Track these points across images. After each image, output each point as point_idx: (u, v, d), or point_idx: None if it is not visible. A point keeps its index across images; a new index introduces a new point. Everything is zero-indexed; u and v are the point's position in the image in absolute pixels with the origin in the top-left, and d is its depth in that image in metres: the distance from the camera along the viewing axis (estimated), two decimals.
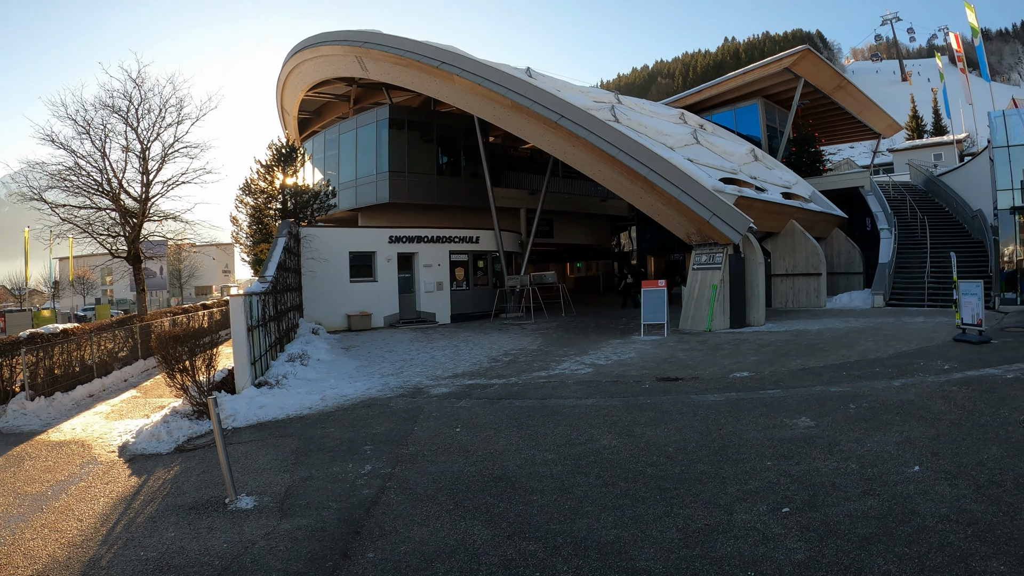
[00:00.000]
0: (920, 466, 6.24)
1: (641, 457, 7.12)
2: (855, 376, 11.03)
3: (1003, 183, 23.67)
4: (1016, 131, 24.00)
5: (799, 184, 28.78)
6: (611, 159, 20.53)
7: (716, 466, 6.65)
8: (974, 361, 11.67)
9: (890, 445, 6.94)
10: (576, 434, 8.30)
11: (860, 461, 6.47)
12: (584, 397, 10.71)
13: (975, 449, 6.64)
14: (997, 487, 5.59)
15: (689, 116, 31.75)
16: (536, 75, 27.82)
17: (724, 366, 13.02)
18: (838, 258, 28.18)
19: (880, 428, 7.62)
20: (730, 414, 8.78)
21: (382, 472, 7.30)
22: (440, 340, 20.48)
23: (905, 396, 9.18)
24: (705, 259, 20.27)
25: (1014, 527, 4.84)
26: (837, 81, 37.51)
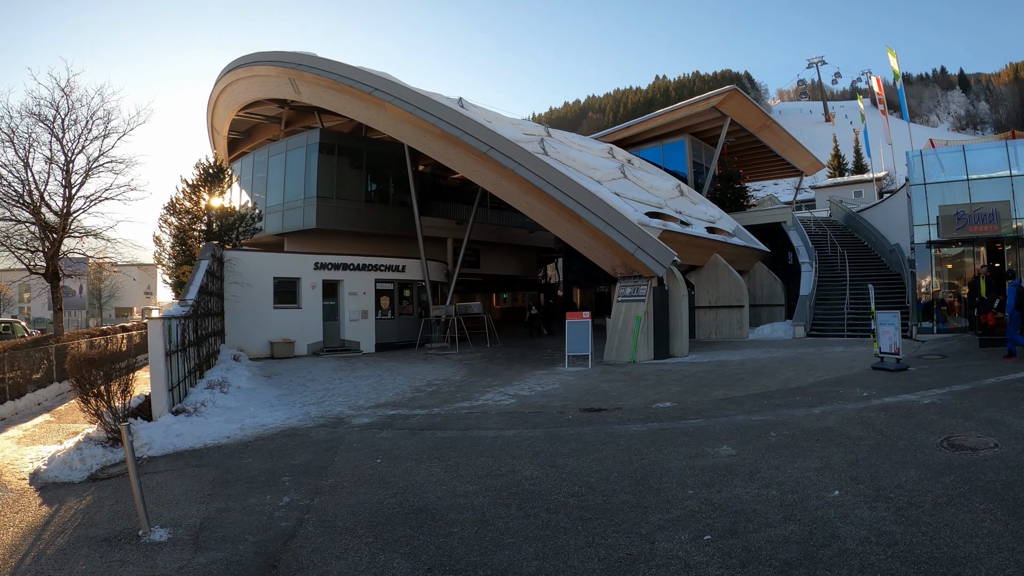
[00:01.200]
0: (840, 490, 6.32)
1: (563, 488, 7.04)
2: (776, 405, 11.21)
3: (920, 218, 24.87)
4: (933, 170, 25.28)
5: (723, 219, 29.63)
6: (538, 191, 20.71)
7: (638, 495, 6.61)
8: (892, 388, 12.04)
9: (810, 471, 7.02)
10: (498, 465, 8.19)
11: (781, 487, 6.52)
12: (507, 428, 10.63)
13: (894, 472, 6.78)
14: (916, 508, 5.71)
15: (618, 151, 32.47)
16: (468, 105, 27.99)
17: (647, 396, 13.12)
18: (760, 290, 29.03)
19: (800, 455, 7.71)
20: (652, 444, 8.78)
21: (300, 504, 7.09)
22: (364, 369, 20.30)
23: (825, 423, 9.34)
24: (630, 291, 20.52)
25: (933, 546, 4.93)
26: (762, 120, 39.05)
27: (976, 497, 5.87)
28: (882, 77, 62.35)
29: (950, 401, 10.43)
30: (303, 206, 29.73)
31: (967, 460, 7.07)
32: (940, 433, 8.29)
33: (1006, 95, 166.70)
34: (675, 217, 24.37)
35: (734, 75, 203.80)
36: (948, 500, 5.85)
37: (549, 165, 21.03)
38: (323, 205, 29.43)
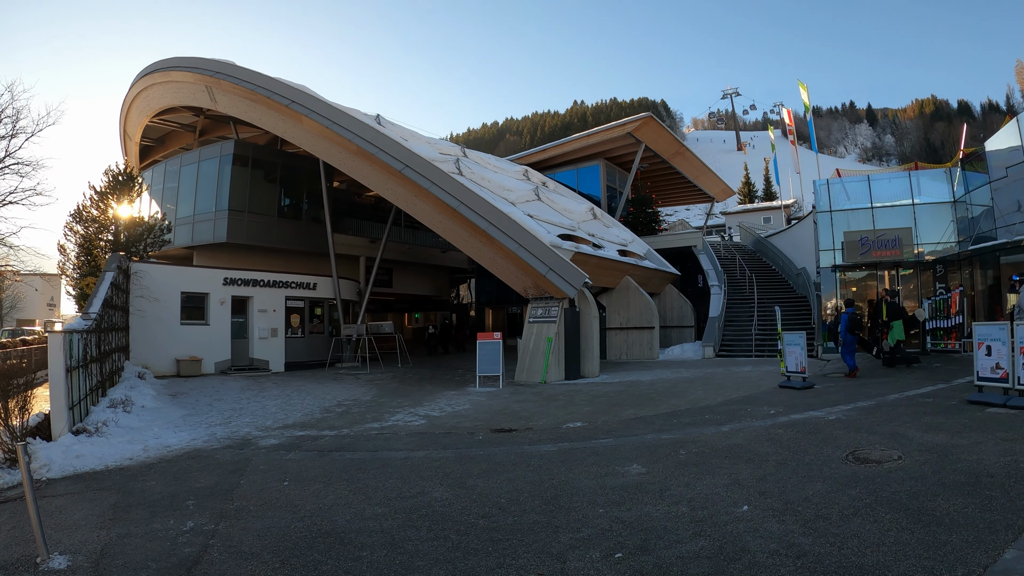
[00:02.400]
0: (749, 505, 6.39)
1: (473, 509, 6.92)
2: (685, 423, 11.37)
3: (825, 244, 25.93)
4: (838, 198, 26.45)
5: (635, 242, 30.21)
6: (452, 211, 20.71)
7: (549, 515, 6.54)
8: (798, 405, 12.46)
9: (719, 487, 7.09)
10: (408, 487, 8.01)
11: (691, 504, 6.56)
12: (416, 449, 10.48)
13: (801, 486, 6.92)
14: (823, 520, 5.82)
15: (533, 173, 32.83)
16: (386, 123, 27.77)
17: (558, 417, 13.16)
18: (671, 312, 29.67)
19: (710, 472, 7.79)
20: (563, 463, 8.75)
21: (205, 529, 6.76)
22: (272, 389, 19.80)
23: (733, 440, 9.52)
24: (541, 312, 20.62)
25: (841, 556, 5.02)
26: (676, 147, 40.19)
27: (882, 508, 6.05)
28: (793, 109, 65.04)
29: (855, 417, 10.85)
30: (214, 219, 28.72)
31: (872, 472, 7.31)
32: (846, 447, 8.56)
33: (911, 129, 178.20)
34: (588, 240, 24.70)
35: (651, 103, 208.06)
36: (855, 511, 6.00)
37: (463, 185, 21.07)
38: (235, 219, 28.52)
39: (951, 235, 25.24)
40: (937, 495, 6.33)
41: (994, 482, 6.66)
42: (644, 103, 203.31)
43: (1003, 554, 4.88)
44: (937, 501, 6.14)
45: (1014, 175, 21.23)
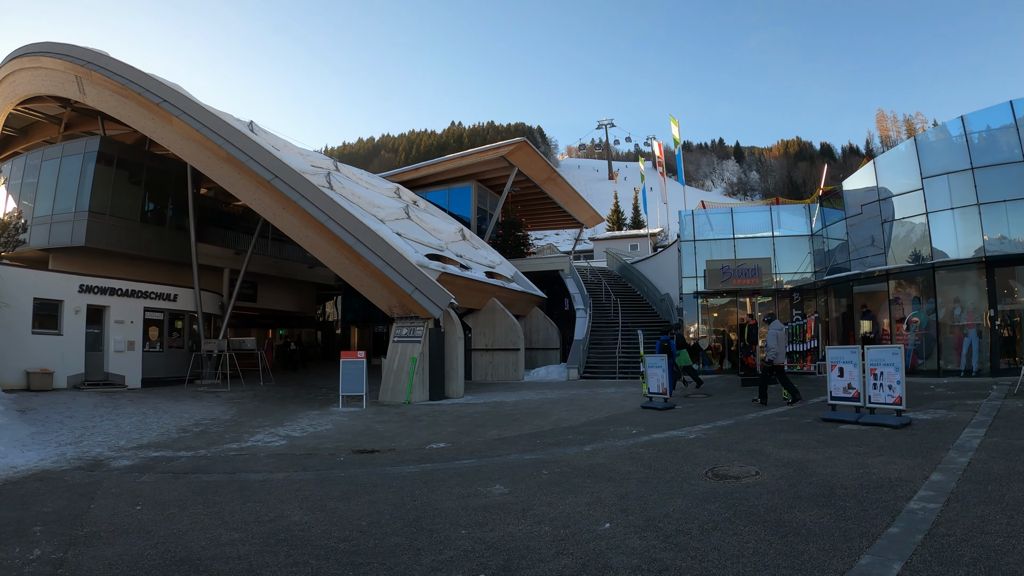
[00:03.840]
0: (611, 523, 6.38)
1: (334, 532, 6.61)
2: (549, 444, 11.42)
3: (688, 271, 26.96)
4: (703, 228, 27.63)
5: (503, 264, 30.45)
6: (320, 226, 20.25)
7: (411, 538, 6.33)
8: (660, 425, 12.80)
9: (582, 506, 7.07)
10: (266, 510, 7.58)
11: (553, 523, 6.48)
12: (276, 471, 10.03)
13: (662, 503, 6.98)
14: (684, 535, 5.87)
15: (404, 191, 32.58)
16: (259, 130, 26.81)
17: (421, 437, 13.02)
18: (537, 334, 30.01)
19: (572, 491, 7.77)
20: (425, 485, 8.56)
21: (53, 557, 6.12)
22: (128, 406, 18.59)
23: (596, 460, 9.58)
24: (406, 332, 20.38)
25: (702, 569, 5.05)
26: (548, 173, 40.95)
27: (741, 521, 6.16)
28: (664, 143, 67.79)
29: (714, 435, 11.22)
30: (73, 220, 26.57)
31: (731, 488, 7.49)
32: (705, 464, 8.77)
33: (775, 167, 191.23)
34: (455, 260, 24.66)
35: (527, 128, 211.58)
36: (715, 525, 6.08)
37: (332, 200, 20.62)
38: (95, 221, 26.55)
39: (808, 266, 26.77)
40: (794, 507, 6.53)
41: (848, 493, 6.96)
42: (521, 128, 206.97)
43: (858, 560, 5.06)
44: (794, 513, 6.33)
45: (868, 212, 22.84)
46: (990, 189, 19.89)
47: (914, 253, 21.34)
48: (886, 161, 24.25)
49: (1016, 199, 19.48)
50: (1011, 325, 19.84)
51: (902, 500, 6.61)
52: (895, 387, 11.25)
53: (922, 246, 20.99)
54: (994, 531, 5.55)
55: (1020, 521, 5.75)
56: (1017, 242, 19.52)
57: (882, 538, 5.53)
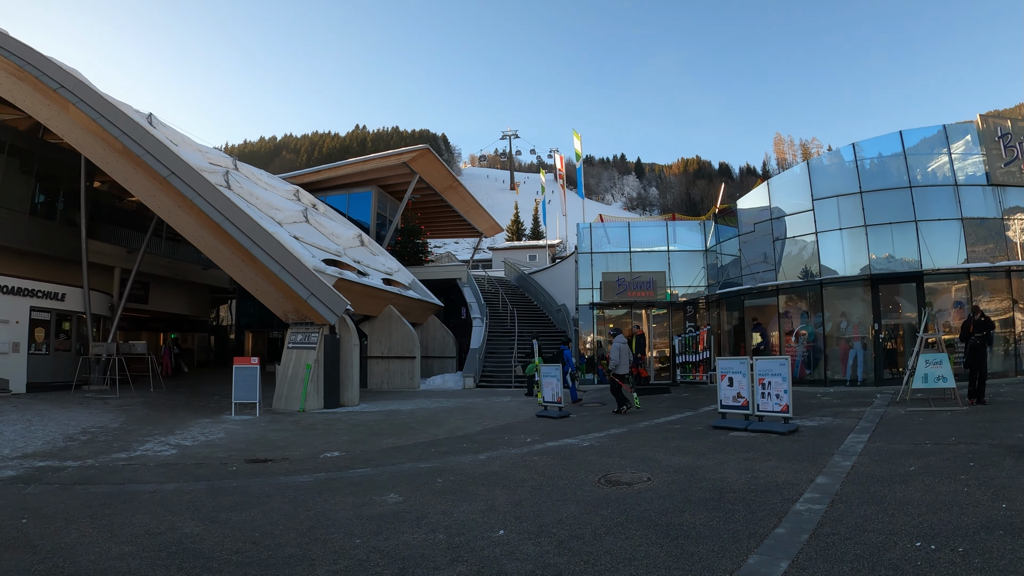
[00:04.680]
0: (505, 530, 6.37)
1: (226, 544, 6.36)
2: (444, 452, 11.37)
3: (585, 283, 27.41)
4: (600, 241, 28.15)
5: (401, 272, 30.20)
6: (215, 226, 19.53)
7: (305, 548, 6.17)
8: (554, 433, 12.95)
9: (476, 513, 7.05)
10: (157, 523, 7.22)
11: (448, 531, 6.45)
12: (167, 481, 9.59)
13: (555, 509, 7.03)
14: (577, 540, 5.91)
15: (304, 194, 31.84)
16: (158, 124, 25.44)
17: (316, 446, 12.76)
18: (433, 343, 29.93)
19: (466, 499, 7.74)
20: (320, 494, 8.38)
21: None
22: (11, 413, 17.39)
23: (490, 468, 9.60)
24: (301, 338, 19.94)
25: (594, 572, 5.09)
26: (449, 182, 40.91)
27: (632, 525, 6.26)
28: (566, 156, 68.89)
29: (608, 443, 11.43)
30: None
31: (623, 493, 7.62)
32: (598, 471, 8.90)
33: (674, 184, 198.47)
34: (353, 266, 24.30)
35: (432, 136, 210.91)
36: (607, 530, 6.15)
37: (229, 200, 19.89)
38: None
39: (702, 279, 27.65)
40: (684, 511, 6.68)
41: (736, 497, 7.19)
42: (426, 135, 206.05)
43: (747, 560, 5.21)
44: (684, 516, 6.48)
45: (761, 230, 23.83)
46: (878, 212, 21.20)
47: (804, 270, 22.39)
48: (780, 182, 25.44)
49: (902, 222, 20.80)
50: (895, 338, 21.09)
51: (789, 502, 6.87)
52: (782, 396, 11.72)
53: (812, 263, 22.07)
54: (876, 529, 5.83)
55: (901, 520, 6.05)
56: (903, 261, 20.80)
57: (769, 538, 5.72)
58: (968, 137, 21.88)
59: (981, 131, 21.71)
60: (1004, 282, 21.03)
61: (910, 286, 20.98)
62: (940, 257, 20.62)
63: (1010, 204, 21.47)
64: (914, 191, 21.12)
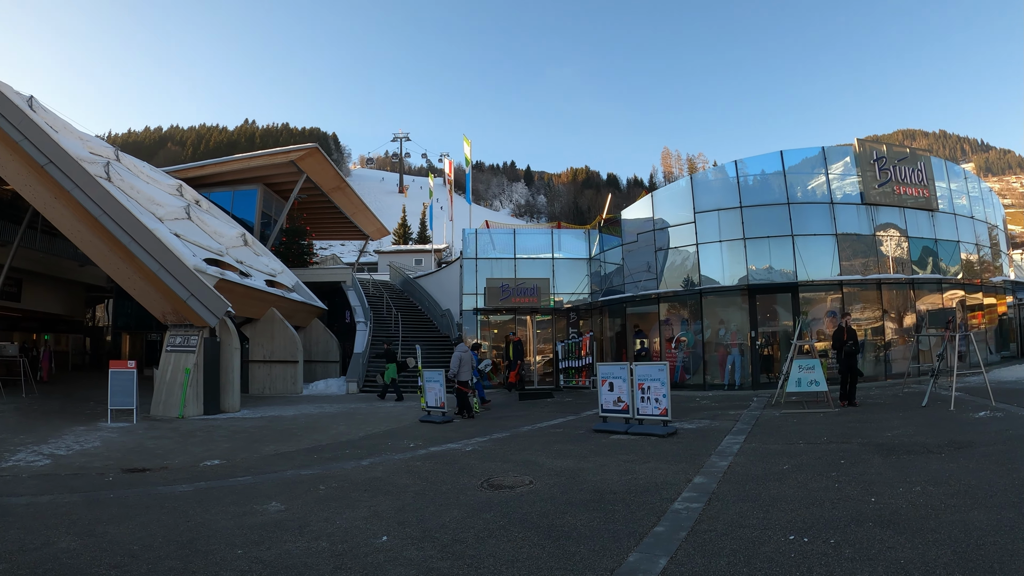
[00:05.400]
0: (388, 536, 6.35)
1: (104, 559, 6.06)
2: (327, 458, 11.23)
3: (470, 288, 27.60)
4: (485, 247, 28.39)
5: (285, 273, 29.50)
6: (93, 220, 18.54)
7: (185, 560, 5.95)
8: (438, 438, 13.03)
9: (359, 520, 6.99)
10: (31, 537, 6.80)
11: (331, 539, 6.38)
12: (41, 493, 9.02)
13: (438, 514, 7.06)
14: (460, 544, 5.96)
15: (187, 189, 30.56)
16: (39, 108, 23.81)
17: (196, 454, 12.34)
18: (317, 347, 29.36)
19: (349, 505, 7.67)
20: (200, 504, 8.11)
21: None
22: None
23: (373, 474, 9.55)
24: (180, 341, 19.18)
25: (478, 575, 5.16)
26: (337, 182, 40.04)
27: (515, 528, 6.36)
28: (456, 161, 68.84)
29: (491, 447, 11.58)
30: None
31: (506, 497, 7.73)
32: (481, 475, 9.00)
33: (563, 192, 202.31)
34: (235, 267, 23.55)
35: (322, 134, 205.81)
36: (490, 533, 6.22)
37: (109, 192, 18.87)
38: None
39: (585, 287, 28.26)
40: (566, 513, 6.82)
41: (617, 498, 7.40)
42: (316, 134, 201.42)
43: (627, 558, 5.37)
44: (566, 518, 6.61)
45: (644, 241, 24.64)
46: (757, 226, 22.38)
47: (686, 279, 23.26)
48: (664, 195, 26.35)
49: (779, 236, 21.99)
50: (771, 345, 22.19)
51: (667, 501, 7.12)
52: (661, 400, 12.13)
53: (692, 273, 22.96)
54: (751, 524, 6.13)
55: (775, 515, 6.39)
56: (781, 272, 21.94)
57: (649, 536, 5.91)
58: (847, 159, 23.45)
59: (858, 154, 23.26)
60: (875, 293, 22.60)
61: (786, 296, 22.11)
62: (815, 269, 21.90)
63: (882, 221, 23.12)
64: (792, 207, 22.36)
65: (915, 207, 23.81)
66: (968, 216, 25.96)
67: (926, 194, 24.12)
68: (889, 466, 8.45)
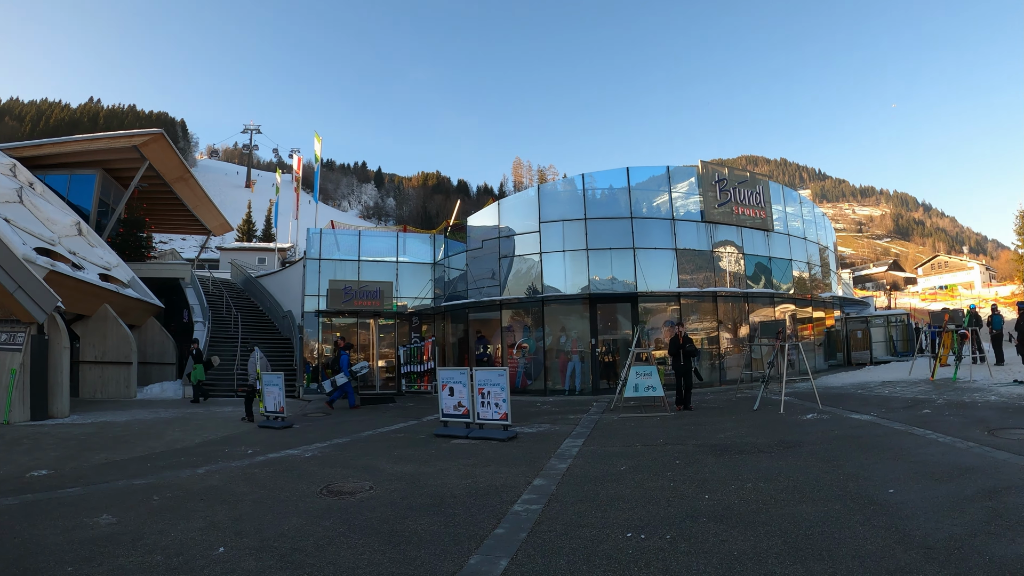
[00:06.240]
0: (225, 547, 6.19)
1: None
2: (161, 467, 10.75)
3: (311, 289, 27.19)
4: (330, 248, 28.02)
5: (120, 267, 27.79)
6: None
7: None
8: (277, 444, 12.77)
9: (195, 531, 6.78)
10: None
11: (166, 551, 6.13)
12: None
13: (277, 522, 6.94)
14: (299, 553, 5.89)
15: (22, 170, 27.98)
16: None
17: (22, 464, 11.46)
18: (152, 347, 27.83)
19: (185, 516, 7.41)
20: (26, 519, 7.57)
21: None
22: None
23: (210, 482, 9.25)
24: (5, 338, 17.52)
25: None
26: (181, 172, 37.85)
27: (355, 535, 6.35)
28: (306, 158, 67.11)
29: (331, 453, 11.47)
30: None
31: (346, 503, 7.70)
32: (321, 482, 8.90)
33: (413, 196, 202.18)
34: (68, 258, 21.86)
35: (170, 120, 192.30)
36: (330, 541, 6.20)
37: None
38: None
39: (429, 292, 28.39)
40: (407, 518, 6.89)
41: (457, 502, 7.54)
42: (164, 119, 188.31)
43: (468, 560, 5.50)
44: (407, 523, 6.68)
45: (489, 247, 25.07)
46: (601, 238, 23.35)
47: (530, 287, 23.82)
48: (511, 203, 26.89)
49: (622, 248, 23.03)
50: (612, 352, 23.15)
51: (507, 504, 7.32)
52: (501, 404, 12.44)
53: (536, 281, 23.59)
54: (590, 524, 6.40)
55: (613, 514, 6.70)
56: (623, 283, 22.94)
57: (489, 539, 6.07)
58: (692, 179, 24.79)
59: (701, 175, 24.75)
60: (712, 305, 24.12)
61: (626, 305, 23.16)
62: (655, 281, 23.05)
63: (720, 239, 24.73)
64: (635, 221, 23.48)
65: (752, 227, 25.65)
66: (801, 237, 28.29)
67: (763, 215, 26.01)
68: (722, 465, 9.03)
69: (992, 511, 6.05)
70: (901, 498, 6.73)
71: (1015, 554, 4.96)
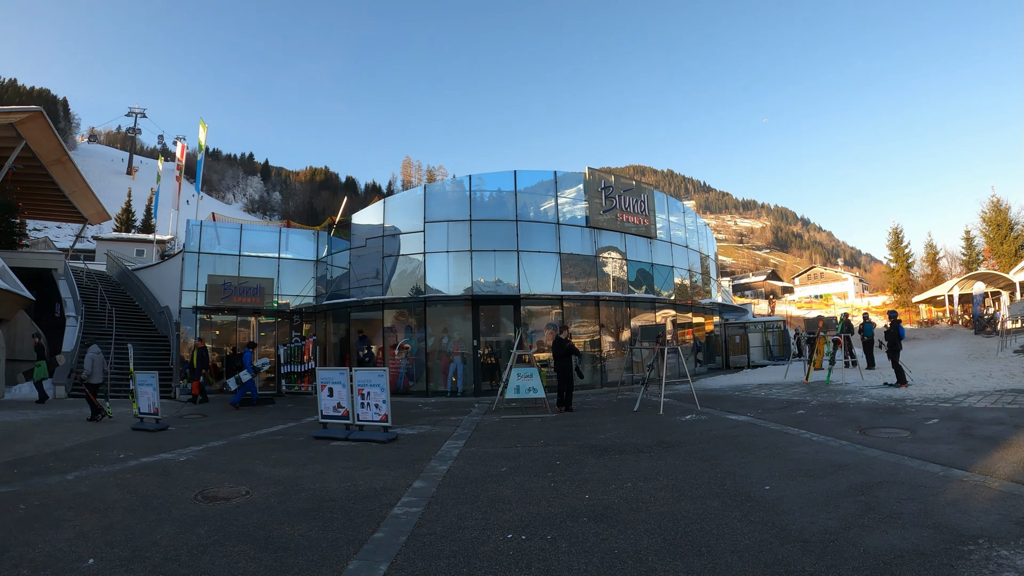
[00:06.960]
0: (95, 558, 5.98)
1: None
2: (28, 473, 10.18)
3: (190, 285, 26.34)
4: (210, 241, 27.13)
5: None
6: None
7: None
8: (151, 448, 12.33)
9: (63, 542, 6.50)
10: None
11: (32, 565, 5.83)
12: None
13: (150, 530, 6.77)
14: (172, 562, 5.76)
15: None
16: None
17: None
18: (22, 343, 26.17)
19: (53, 526, 7.11)
20: None
21: None
22: None
23: (80, 489, 8.88)
24: None
25: None
26: (59, 155, 35.18)
27: (231, 542, 6.27)
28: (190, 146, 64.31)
29: (207, 456, 11.19)
30: None
31: (221, 509, 7.57)
32: (196, 487, 8.70)
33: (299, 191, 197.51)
34: None
35: (52, 97, 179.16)
36: (204, 549, 6.09)
37: None
38: None
39: (311, 290, 27.96)
40: (284, 523, 6.85)
41: (336, 505, 7.54)
42: (46, 96, 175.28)
43: (347, 566, 5.53)
44: (284, 529, 6.65)
45: (373, 246, 24.92)
46: (486, 240, 23.56)
47: (414, 287, 23.81)
48: (397, 202, 26.78)
49: (506, 250, 23.31)
50: (494, 353, 23.40)
51: (387, 507, 7.37)
52: (381, 406, 12.45)
53: (419, 282, 23.62)
54: (471, 526, 6.55)
55: (494, 516, 6.87)
56: (507, 286, 23.27)
57: (368, 543, 6.11)
58: (580, 185, 25.30)
59: (588, 181, 25.33)
60: (594, 309, 24.74)
61: (509, 308, 23.47)
62: (539, 284, 23.45)
63: (604, 244, 25.40)
64: (520, 224, 23.82)
65: (636, 234, 26.47)
66: (684, 246, 29.43)
67: (647, 223, 26.90)
68: (603, 465, 9.33)
69: (865, 505, 6.58)
70: (777, 494, 7.18)
71: (887, 545, 5.41)
